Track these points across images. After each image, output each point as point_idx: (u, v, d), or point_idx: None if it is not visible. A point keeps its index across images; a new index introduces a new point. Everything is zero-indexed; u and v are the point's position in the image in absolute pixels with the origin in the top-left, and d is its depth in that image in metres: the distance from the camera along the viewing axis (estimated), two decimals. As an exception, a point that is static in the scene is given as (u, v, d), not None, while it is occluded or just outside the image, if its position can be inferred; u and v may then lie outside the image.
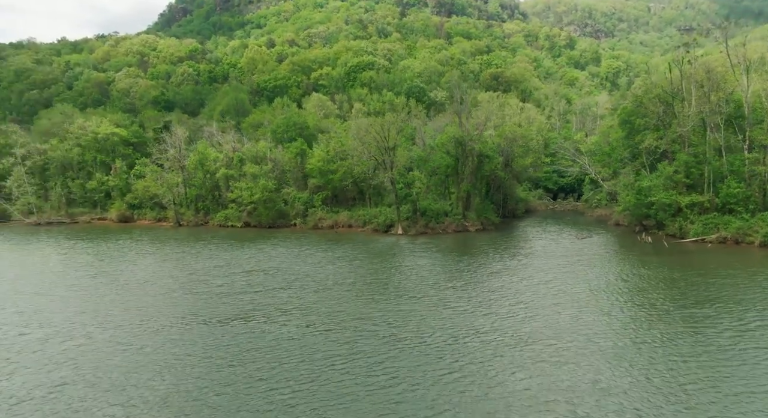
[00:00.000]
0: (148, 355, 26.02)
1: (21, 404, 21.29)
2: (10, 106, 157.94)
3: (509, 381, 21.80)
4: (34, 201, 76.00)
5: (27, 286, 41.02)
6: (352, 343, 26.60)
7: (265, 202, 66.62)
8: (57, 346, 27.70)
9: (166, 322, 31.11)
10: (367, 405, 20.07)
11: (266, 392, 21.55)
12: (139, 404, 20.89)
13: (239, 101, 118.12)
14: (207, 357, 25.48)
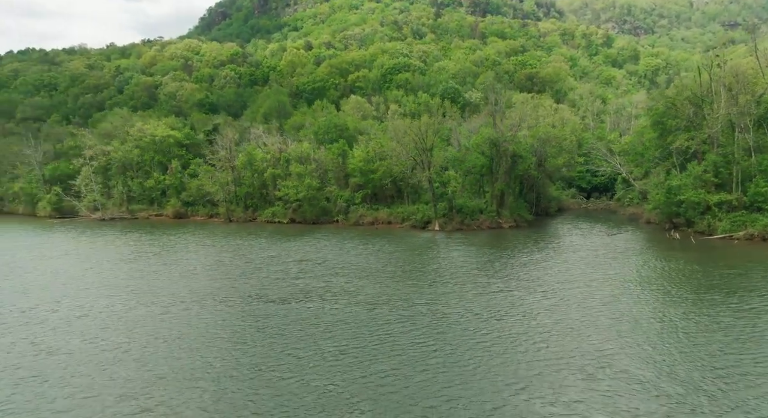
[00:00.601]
0: (237, 324, 31.15)
1: (155, 344, 26.60)
2: (67, 110, 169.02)
3: (528, 345, 25.84)
4: (98, 198, 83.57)
5: (113, 272, 47.15)
6: (395, 317, 31.09)
7: (309, 200, 71.88)
8: (164, 315, 33.17)
9: (238, 300, 36.31)
10: (412, 362, 24.47)
11: (335, 352, 26.22)
12: (234, 359, 25.86)
13: (281, 104, 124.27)
14: (279, 326, 30.40)
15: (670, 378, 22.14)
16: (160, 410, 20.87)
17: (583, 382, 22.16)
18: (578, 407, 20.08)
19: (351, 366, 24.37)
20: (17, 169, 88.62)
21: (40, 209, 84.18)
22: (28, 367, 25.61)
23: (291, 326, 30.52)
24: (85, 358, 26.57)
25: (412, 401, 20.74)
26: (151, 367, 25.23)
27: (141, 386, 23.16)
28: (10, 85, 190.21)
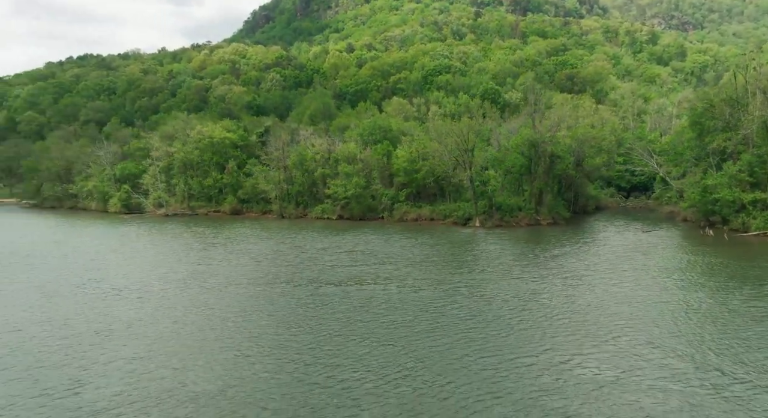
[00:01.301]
0: (307, 302, 36.60)
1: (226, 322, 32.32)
2: (125, 113, 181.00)
3: (551, 322, 30.12)
4: (163, 196, 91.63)
5: (191, 259, 53.71)
6: (438, 297, 35.87)
7: (356, 198, 77.39)
8: (245, 294, 39.06)
9: (301, 283, 41.86)
10: (456, 331, 29.19)
11: (387, 324, 31.24)
12: (309, 327, 31.23)
13: (326, 106, 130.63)
14: (341, 303, 35.67)
15: (683, 338, 26.06)
16: (248, 360, 26.26)
17: (596, 345, 26.35)
18: (586, 359, 24.32)
19: (407, 335, 29.31)
20: (90, 168, 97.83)
21: (111, 206, 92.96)
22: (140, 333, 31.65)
23: (351, 303, 35.71)
24: (195, 324, 32.45)
25: (467, 359, 25.49)
26: (243, 330, 30.85)
27: (239, 341, 28.68)
28: (73, 90, 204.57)
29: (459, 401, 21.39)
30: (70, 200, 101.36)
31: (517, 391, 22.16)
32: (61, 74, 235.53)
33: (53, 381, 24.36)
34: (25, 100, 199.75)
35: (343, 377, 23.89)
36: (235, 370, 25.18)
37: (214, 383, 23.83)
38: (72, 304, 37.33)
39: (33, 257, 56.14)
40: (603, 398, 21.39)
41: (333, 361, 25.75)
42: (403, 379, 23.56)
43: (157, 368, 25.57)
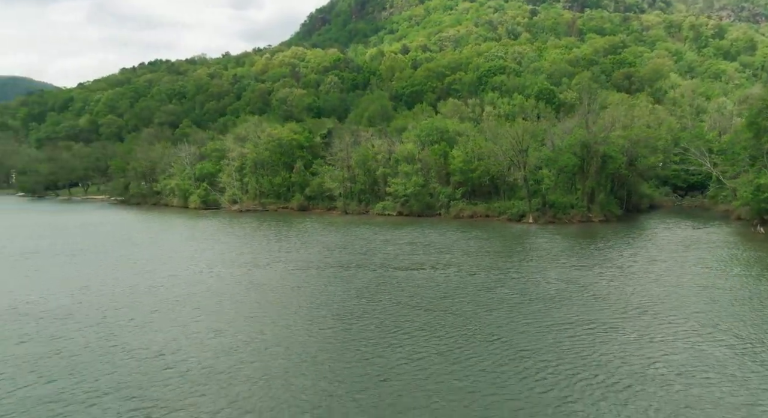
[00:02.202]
0: (379, 282, 43.19)
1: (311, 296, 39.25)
2: (195, 115, 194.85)
3: (587, 299, 35.12)
4: (237, 193, 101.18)
5: (271, 247, 61.60)
6: (491, 280, 41.48)
7: (415, 195, 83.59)
8: (325, 276, 46.15)
9: (373, 268, 48.48)
10: (509, 305, 34.78)
11: (448, 299, 37.23)
12: (378, 304, 37.71)
13: (383, 107, 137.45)
14: (406, 284, 41.95)
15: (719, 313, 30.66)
16: (325, 323, 32.86)
17: (617, 316, 31.29)
18: (612, 324, 29.36)
19: (465, 307, 35.22)
20: (172, 168, 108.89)
21: (191, 202, 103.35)
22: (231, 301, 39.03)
23: (415, 283, 41.96)
24: (291, 297, 39.63)
25: (516, 323, 31.19)
26: (329, 301, 37.69)
27: (331, 308, 35.44)
28: (147, 94, 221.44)
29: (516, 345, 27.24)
30: (153, 197, 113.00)
31: (552, 346, 27.73)
32: (135, 79, 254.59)
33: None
34: (105, 104, 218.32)
35: (414, 336, 30.14)
36: (331, 329, 31.96)
37: (313, 342, 30.65)
38: (184, 283, 45.48)
39: (145, 245, 65.72)
40: (630, 343, 26.61)
41: (405, 325, 32.08)
42: (467, 340, 29.56)
43: (262, 325, 32.73)
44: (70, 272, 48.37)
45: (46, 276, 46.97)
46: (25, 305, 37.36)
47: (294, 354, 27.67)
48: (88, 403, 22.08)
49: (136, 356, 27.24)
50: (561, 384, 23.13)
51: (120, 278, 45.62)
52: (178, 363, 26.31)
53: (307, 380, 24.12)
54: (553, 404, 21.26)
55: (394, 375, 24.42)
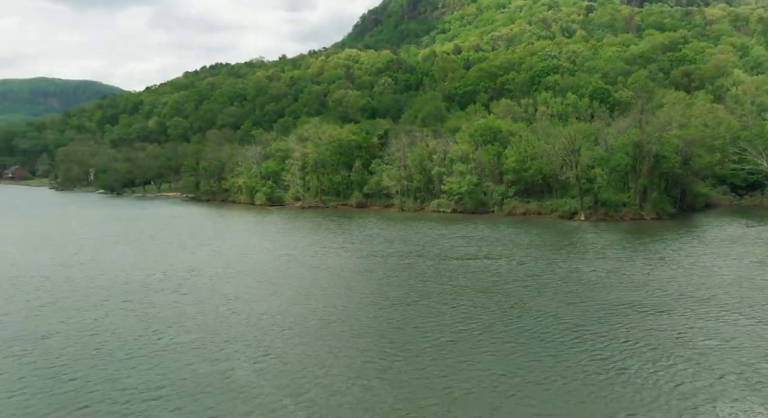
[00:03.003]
0: (435, 270, 48.45)
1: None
2: (255, 117, 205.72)
3: (625, 284, 38.96)
4: (300, 190, 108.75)
5: (338, 238, 67.95)
6: (539, 268, 45.84)
7: (469, 194, 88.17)
8: (390, 265, 51.87)
9: (430, 257, 53.73)
10: (554, 289, 39.14)
11: (500, 284, 41.98)
12: (436, 287, 42.90)
13: (437, 108, 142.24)
14: (461, 270, 46.94)
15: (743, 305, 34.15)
16: (392, 314, 38.22)
17: (653, 298, 35.12)
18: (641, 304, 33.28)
19: (516, 290, 39.93)
20: (240, 167, 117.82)
21: (257, 199, 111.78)
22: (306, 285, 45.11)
23: (469, 270, 46.93)
24: (364, 280, 45.49)
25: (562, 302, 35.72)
26: (392, 284, 43.20)
27: (397, 289, 40.94)
28: (210, 97, 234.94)
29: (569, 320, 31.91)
30: (221, 194, 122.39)
31: (596, 321, 32.14)
32: (198, 83, 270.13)
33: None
34: (171, 107, 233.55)
35: (473, 314, 35.18)
36: (397, 304, 37.50)
37: (380, 322, 36.23)
38: (268, 267, 52.24)
39: (225, 235, 73.65)
40: (660, 318, 30.73)
41: (462, 302, 37.20)
42: (519, 316, 34.37)
43: (339, 299, 38.60)
44: (177, 254, 56.08)
45: (152, 257, 54.86)
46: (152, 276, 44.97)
47: (364, 323, 33.30)
48: (220, 348, 28.43)
49: (249, 319, 33.64)
50: (609, 350, 27.66)
51: (213, 262, 52.85)
52: (283, 321, 32.45)
53: (373, 343, 29.63)
54: (611, 370, 25.88)
55: (456, 340, 29.60)
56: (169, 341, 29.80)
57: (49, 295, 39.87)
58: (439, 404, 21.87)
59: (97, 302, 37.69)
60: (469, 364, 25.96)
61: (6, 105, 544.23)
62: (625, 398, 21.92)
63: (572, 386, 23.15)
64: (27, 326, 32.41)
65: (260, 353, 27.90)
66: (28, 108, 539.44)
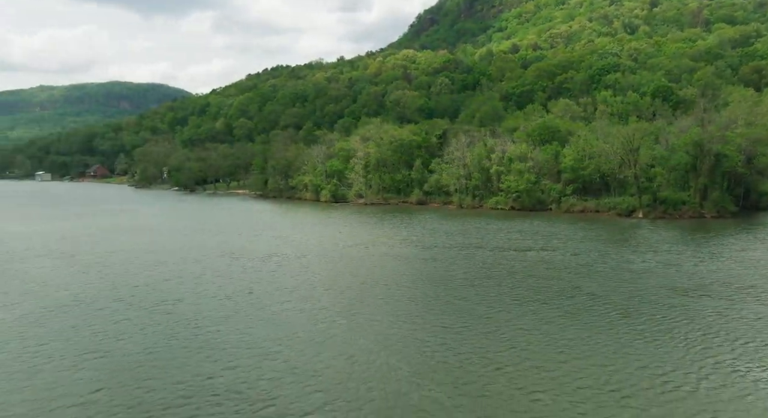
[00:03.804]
0: (493, 259, 53.35)
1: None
2: (315, 117, 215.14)
3: (673, 278, 42.45)
4: (362, 188, 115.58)
5: (400, 232, 73.88)
6: (591, 259, 49.79)
7: (527, 191, 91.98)
8: (446, 253, 57.25)
9: (488, 249, 58.55)
10: (604, 276, 43.21)
11: (555, 271, 46.35)
12: (496, 273, 47.76)
13: (494, 108, 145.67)
14: (519, 259, 51.56)
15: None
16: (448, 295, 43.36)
17: (696, 286, 38.59)
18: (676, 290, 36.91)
19: (567, 277, 44.34)
20: (306, 166, 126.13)
21: (322, 196, 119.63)
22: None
23: (526, 259, 51.54)
24: (420, 266, 51.05)
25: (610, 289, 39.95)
26: (455, 269, 48.45)
27: (448, 270, 46.16)
28: (272, 99, 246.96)
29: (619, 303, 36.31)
30: (288, 191, 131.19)
31: (644, 301, 36.30)
32: (260, 85, 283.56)
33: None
34: (237, 108, 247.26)
35: (529, 293, 39.97)
36: (461, 287, 42.81)
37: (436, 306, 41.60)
38: (339, 254, 58.75)
39: (299, 227, 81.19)
40: (699, 300, 34.57)
41: (519, 285, 42.07)
42: (570, 298, 38.92)
43: (407, 281, 44.27)
44: (264, 242, 63.67)
45: (247, 244, 62.63)
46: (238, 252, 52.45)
47: (435, 297, 38.78)
48: (318, 312, 34.78)
49: (336, 291, 39.94)
50: (647, 323, 32.00)
51: (296, 249, 59.89)
52: (363, 294, 38.52)
53: (445, 311, 35.02)
54: (666, 344, 30.36)
55: (514, 311, 34.62)
56: (279, 307, 36.53)
57: (178, 271, 47.89)
58: (511, 349, 27.11)
59: (219, 276, 45.20)
60: (525, 330, 31.05)
61: (83, 107, 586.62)
62: (655, 356, 26.48)
63: (614, 348, 27.84)
64: (172, 290, 40.05)
65: (350, 315, 34.04)
66: (103, 110, 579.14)
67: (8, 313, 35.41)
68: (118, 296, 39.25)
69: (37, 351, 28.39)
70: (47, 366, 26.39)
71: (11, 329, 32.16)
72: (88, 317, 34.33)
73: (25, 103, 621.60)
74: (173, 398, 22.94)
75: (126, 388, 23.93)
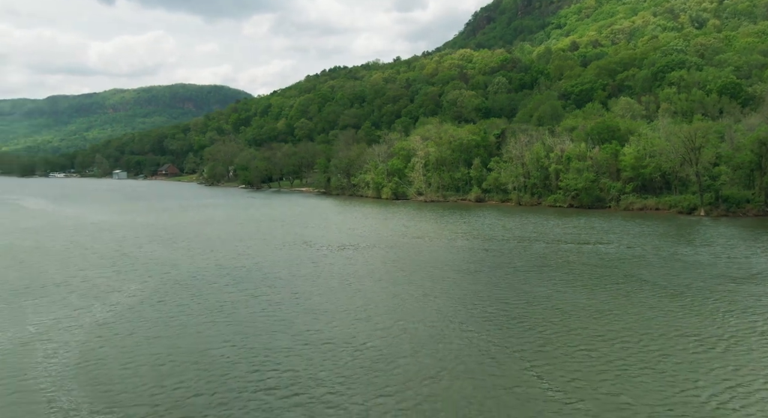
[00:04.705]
0: (550, 250, 57.48)
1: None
2: (373, 118, 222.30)
3: (723, 267, 45.21)
4: (422, 186, 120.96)
5: (461, 226, 78.75)
6: (644, 251, 52.97)
7: (586, 189, 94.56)
8: (504, 244, 61.80)
9: (546, 242, 62.54)
10: (656, 267, 46.52)
11: (609, 262, 50.03)
12: (553, 262, 51.91)
13: (553, 107, 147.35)
14: (575, 250, 55.38)
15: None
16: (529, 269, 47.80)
17: (743, 275, 41.44)
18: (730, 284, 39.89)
19: (623, 266, 47.96)
20: (367, 164, 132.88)
21: (383, 193, 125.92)
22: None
23: (581, 251, 55.34)
24: (481, 255, 55.84)
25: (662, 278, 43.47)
26: (514, 258, 52.93)
27: (508, 259, 50.69)
28: (331, 99, 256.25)
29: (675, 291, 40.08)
30: (350, 189, 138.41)
31: (697, 287, 39.81)
32: (319, 86, 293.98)
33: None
34: (297, 109, 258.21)
35: (583, 279, 44.13)
36: (520, 274, 47.41)
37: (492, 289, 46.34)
38: (405, 245, 64.37)
39: (367, 220, 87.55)
40: (745, 283, 37.79)
41: (574, 271, 46.26)
42: (622, 284, 42.86)
43: (471, 267, 49.22)
44: (336, 234, 70.38)
45: (321, 234, 69.52)
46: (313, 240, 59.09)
47: (496, 280, 43.64)
48: (394, 287, 40.50)
49: (407, 273, 45.59)
50: (691, 302, 35.78)
51: (366, 239, 66.12)
52: (431, 275, 43.98)
53: (505, 290, 39.84)
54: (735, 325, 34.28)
55: (570, 293, 39.06)
56: (359, 285, 42.64)
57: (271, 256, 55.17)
58: (565, 317, 31.86)
59: (306, 260, 52.00)
60: (581, 307, 35.58)
61: (150, 109, 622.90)
62: (695, 326, 30.56)
63: (658, 320, 32.01)
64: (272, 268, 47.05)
65: (423, 293, 39.57)
66: (169, 111, 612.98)
67: (145, 284, 43.22)
68: (227, 273, 46.59)
69: (180, 310, 35.58)
70: (192, 321, 33.42)
71: (151, 296, 39.69)
72: (206, 288, 41.60)
73: (99, 105, 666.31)
74: (291, 344, 29.23)
75: (251, 337, 30.45)
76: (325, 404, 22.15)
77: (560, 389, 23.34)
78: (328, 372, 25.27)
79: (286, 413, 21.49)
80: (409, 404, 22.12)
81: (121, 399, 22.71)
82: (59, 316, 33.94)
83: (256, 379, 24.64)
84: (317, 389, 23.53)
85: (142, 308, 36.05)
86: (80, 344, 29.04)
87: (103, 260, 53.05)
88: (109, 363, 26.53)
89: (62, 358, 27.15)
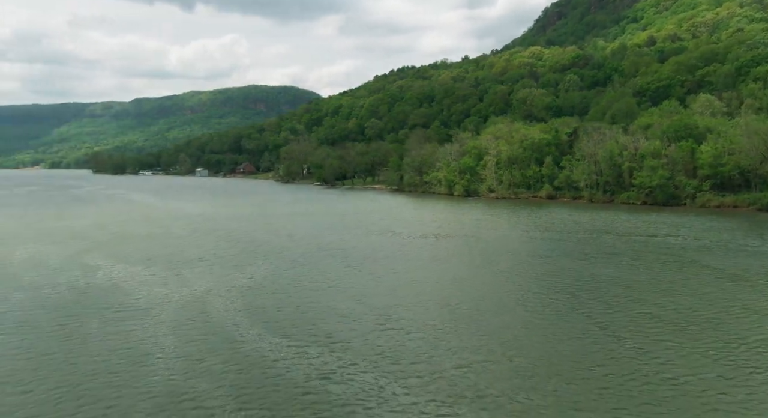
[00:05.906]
0: (620, 242, 61.67)
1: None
2: (443, 117, 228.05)
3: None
4: (493, 183, 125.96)
5: (528, 219, 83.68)
6: (712, 244, 56.09)
7: (660, 187, 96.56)
8: (572, 238, 66.47)
9: (616, 234, 66.57)
10: (720, 258, 50.04)
11: (672, 248, 53.89)
12: (621, 257, 56.28)
13: (627, 105, 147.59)
14: (642, 244, 59.34)
15: None
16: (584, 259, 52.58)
17: None
18: None
19: (679, 260, 51.77)
20: (440, 163, 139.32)
21: (455, 191, 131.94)
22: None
23: (650, 242, 59.16)
24: (552, 246, 60.92)
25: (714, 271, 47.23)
26: (583, 249, 57.68)
27: (578, 250, 55.48)
28: (401, 99, 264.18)
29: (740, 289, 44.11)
30: (422, 186, 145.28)
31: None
32: (388, 86, 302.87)
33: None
34: (367, 109, 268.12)
35: (651, 265, 48.55)
36: (589, 263, 52.35)
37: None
38: (480, 235, 70.28)
39: (444, 216, 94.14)
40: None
41: (641, 258, 50.61)
42: (685, 269, 47.00)
43: (543, 258, 54.56)
44: (415, 226, 77.51)
45: (390, 224, 76.81)
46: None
47: (568, 268, 48.90)
48: (467, 276, 46.86)
49: (484, 261, 51.79)
50: (748, 289, 39.90)
51: (443, 229, 72.73)
52: (506, 261, 49.92)
53: (578, 274, 45.10)
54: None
55: (636, 278, 43.87)
56: (446, 264, 49.42)
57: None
58: (629, 292, 37.17)
59: (391, 247, 59.49)
60: (644, 282, 40.60)
61: (225, 110, 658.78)
62: (753, 301, 35.05)
63: (718, 294, 36.63)
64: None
65: (500, 270, 45.72)
66: (242, 112, 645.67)
67: (267, 261, 52.02)
68: (329, 254, 54.76)
69: (305, 277, 43.72)
70: (319, 286, 41.37)
71: (278, 267, 48.18)
72: (319, 263, 49.72)
73: (178, 107, 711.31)
74: (402, 302, 36.33)
75: (369, 297, 37.84)
76: (437, 339, 29.06)
77: (622, 337, 29.16)
78: (433, 320, 32.25)
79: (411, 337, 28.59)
80: (502, 343, 28.65)
81: (283, 325, 30.63)
82: (213, 280, 42.98)
83: (383, 321, 32.03)
84: (429, 326, 30.55)
85: (275, 276, 44.56)
86: (240, 296, 37.78)
87: (226, 242, 62.89)
88: (269, 308, 34.97)
89: (231, 305, 35.86)
